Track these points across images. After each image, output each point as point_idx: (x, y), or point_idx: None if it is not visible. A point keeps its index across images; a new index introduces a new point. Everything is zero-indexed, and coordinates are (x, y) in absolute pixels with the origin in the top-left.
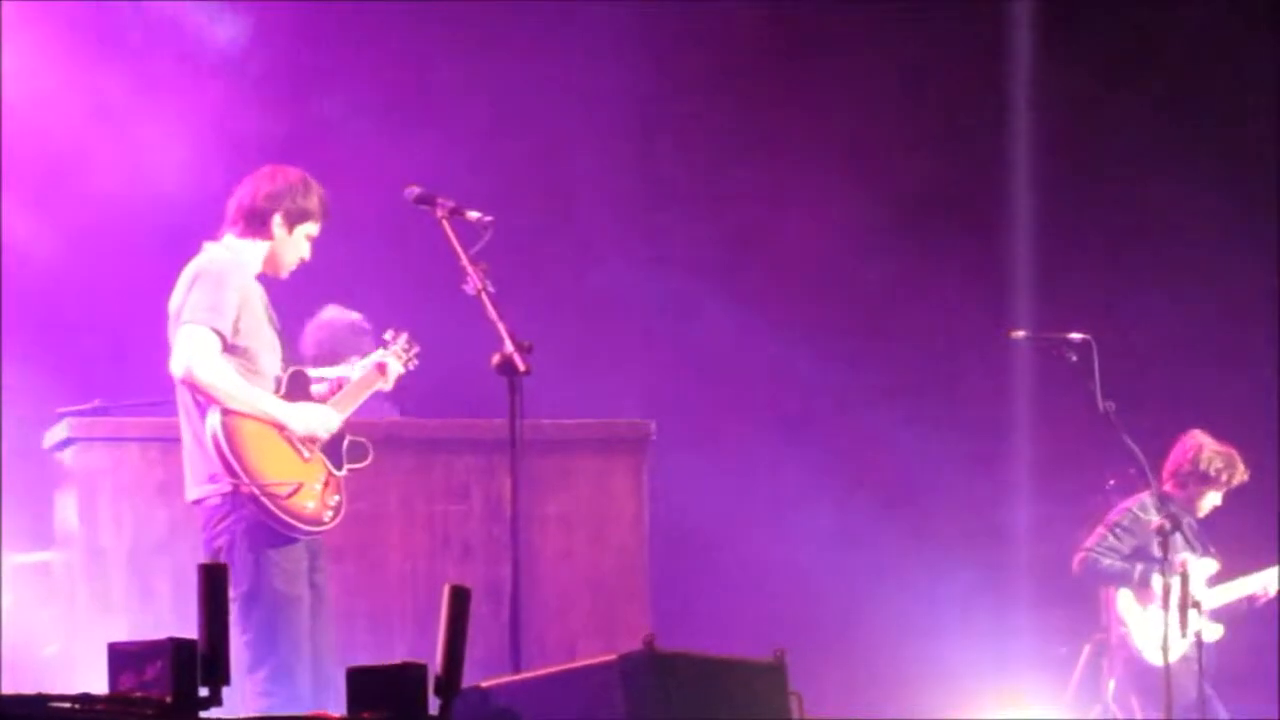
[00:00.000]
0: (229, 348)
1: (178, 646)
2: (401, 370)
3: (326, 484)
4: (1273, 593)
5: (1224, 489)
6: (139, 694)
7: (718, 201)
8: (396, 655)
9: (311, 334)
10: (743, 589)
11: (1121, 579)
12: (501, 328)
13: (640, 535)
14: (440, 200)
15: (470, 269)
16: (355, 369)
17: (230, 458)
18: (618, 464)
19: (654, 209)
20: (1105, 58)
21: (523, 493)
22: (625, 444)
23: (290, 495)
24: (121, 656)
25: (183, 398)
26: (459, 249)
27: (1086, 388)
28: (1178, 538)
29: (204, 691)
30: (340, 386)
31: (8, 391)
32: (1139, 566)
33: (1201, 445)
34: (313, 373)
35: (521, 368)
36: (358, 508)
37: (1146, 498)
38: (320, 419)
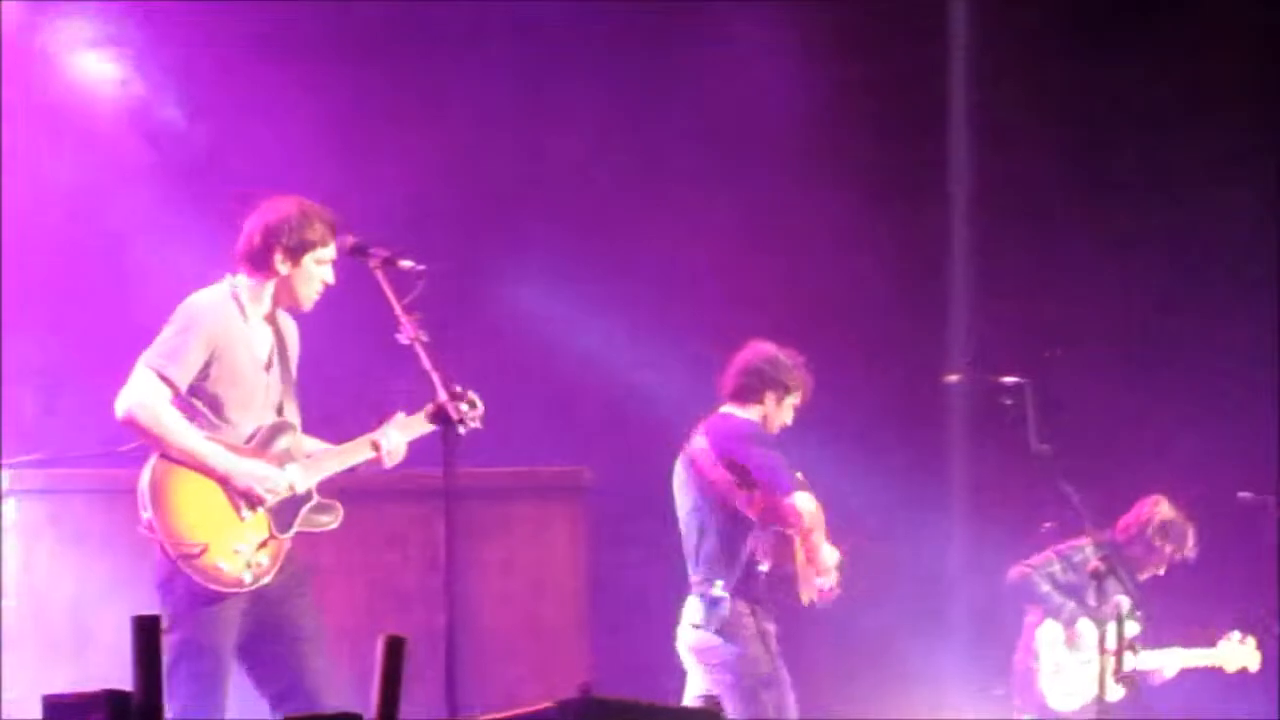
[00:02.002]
0: (191, 391)
1: (113, 698)
2: (404, 442)
3: (264, 544)
4: (1167, 676)
5: (1165, 562)
6: None
7: (649, 244)
8: (332, 706)
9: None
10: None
11: (1051, 609)
12: (436, 377)
13: (578, 581)
14: (374, 250)
15: (404, 318)
16: (381, 431)
17: (148, 507)
18: (555, 511)
19: (594, 257)
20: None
21: (459, 540)
22: (562, 491)
23: (199, 554)
24: (57, 708)
25: None
26: (393, 298)
27: (1021, 431)
28: (1111, 583)
29: None
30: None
31: None
32: (1070, 604)
33: (1154, 515)
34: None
35: (456, 416)
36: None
37: (1093, 544)
38: (261, 478)
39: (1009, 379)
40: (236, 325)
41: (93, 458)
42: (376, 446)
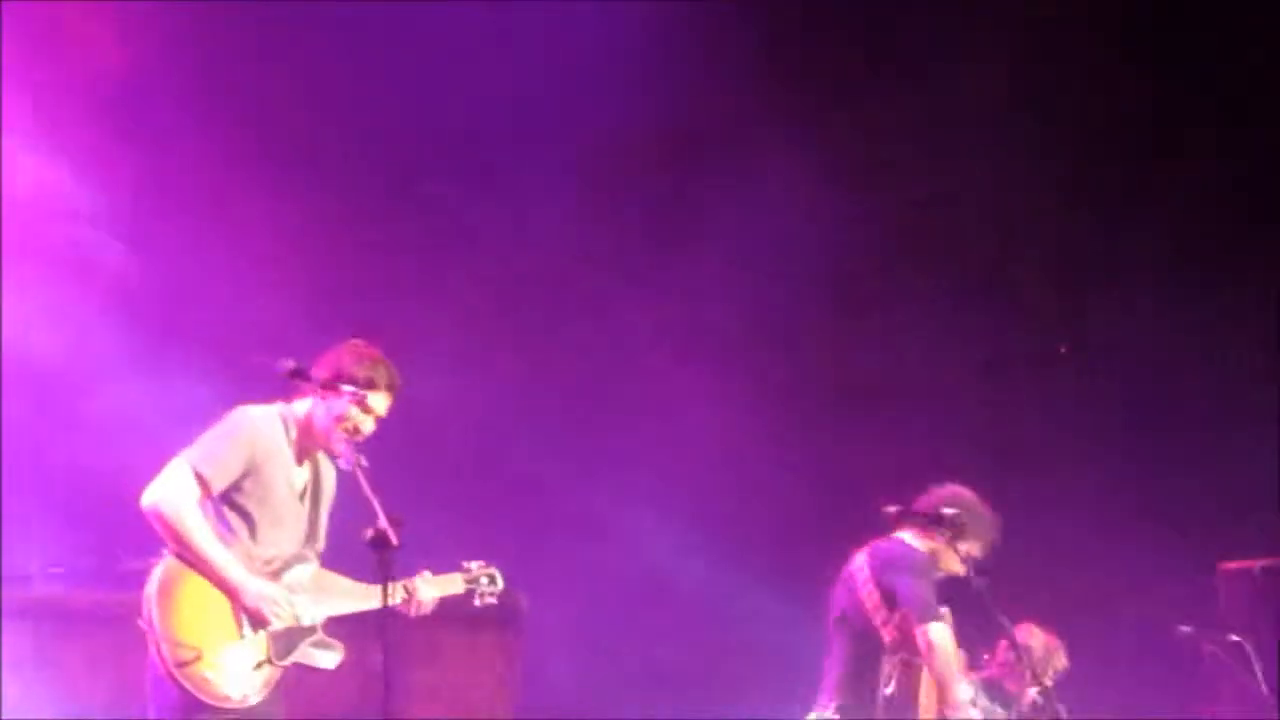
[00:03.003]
0: (225, 500)
1: None
2: (434, 598)
3: (259, 665)
4: None
5: (1029, 683)
6: None
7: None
8: None
9: None
10: None
11: None
12: (375, 502)
13: (506, 707)
14: (315, 373)
15: (343, 444)
16: (412, 582)
17: (153, 602)
18: (486, 637)
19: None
20: None
21: (393, 663)
22: (495, 618)
23: (191, 661)
24: None
25: None
26: (332, 424)
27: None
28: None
29: None
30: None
31: None
32: None
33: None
34: None
35: (395, 542)
36: None
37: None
38: (270, 602)
39: (948, 510)
40: (280, 446)
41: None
42: (411, 592)
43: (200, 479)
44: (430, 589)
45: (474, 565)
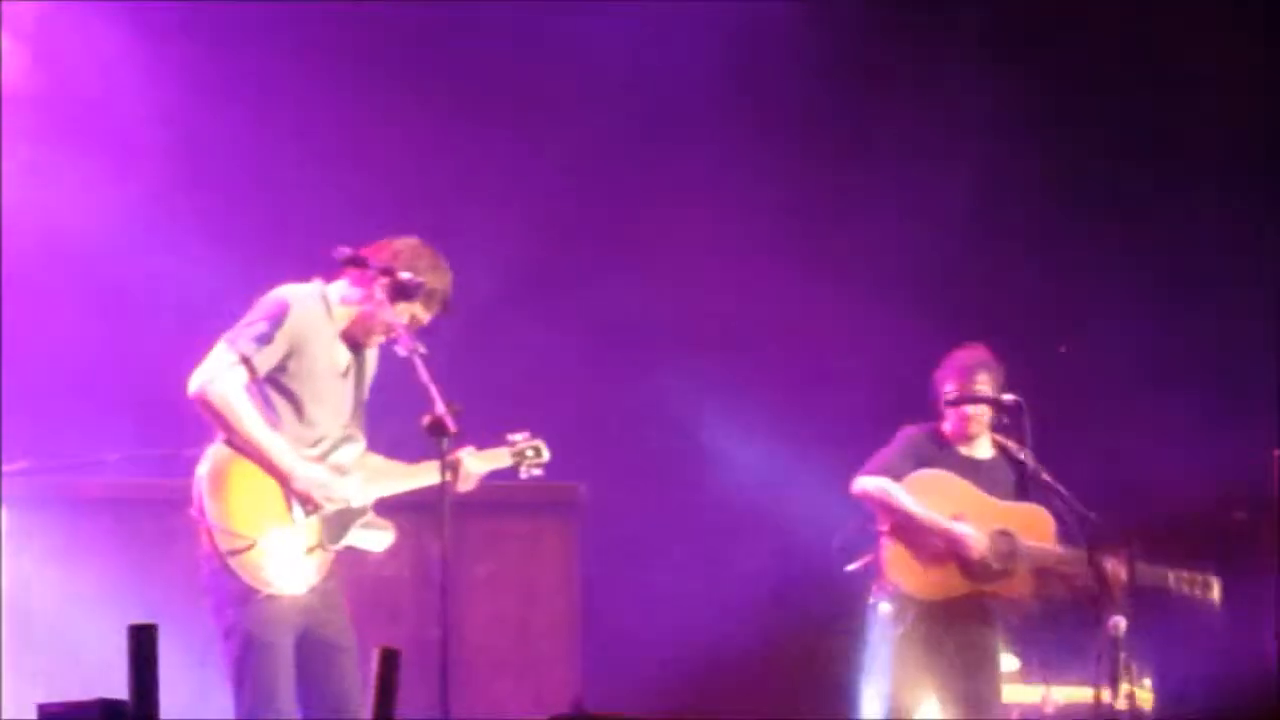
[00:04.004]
0: (270, 383)
1: (107, 707)
2: (482, 472)
3: (311, 550)
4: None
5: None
6: None
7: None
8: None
9: None
10: (672, 650)
11: None
12: (433, 389)
13: (570, 597)
14: (372, 260)
15: (402, 330)
16: (457, 457)
17: (203, 491)
18: (548, 526)
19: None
20: None
21: (452, 555)
22: (555, 506)
23: (245, 549)
24: (51, 718)
25: None
26: (390, 311)
27: (1016, 450)
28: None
29: None
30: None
31: None
32: None
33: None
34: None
35: (452, 429)
36: None
37: None
38: (322, 484)
39: (1007, 397)
40: (322, 326)
41: (80, 466)
42: (457, 466)
43: (246, 362)
44: (477, 463)
45: (518, 437)
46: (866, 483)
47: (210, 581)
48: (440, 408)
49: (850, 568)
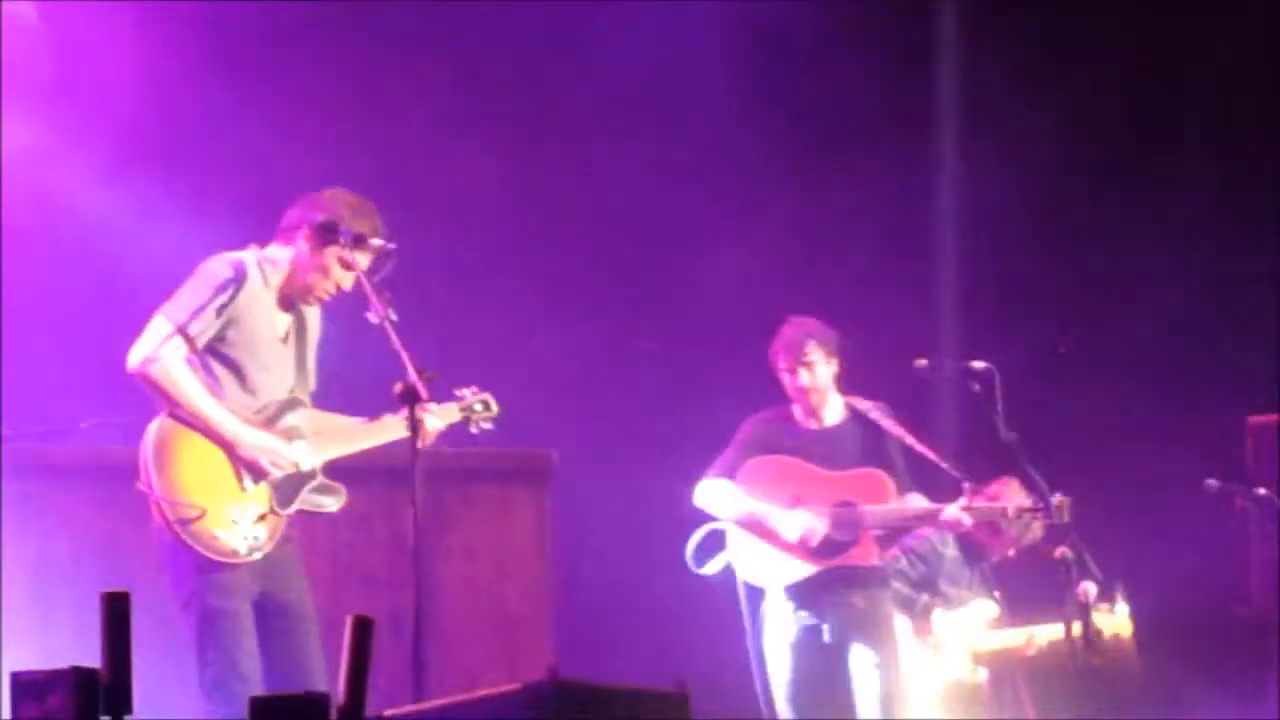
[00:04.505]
0: (210, 352)
1: (80, 675)
2: (439, 428)
3: (262, 517)
4: (1039, 643)
5: (1011, 545)
6: None
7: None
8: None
9: None
10: (646, 616)
11: (901, 604)
12: (405, 356)
13: (543, 564)
14: (344, 228)
15: (374, 297)
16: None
17: (149, 464)
18: (519, 493)
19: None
20: None
21: (424, 522)
22: (527, 473)
23: (195, 519)
24: (23, 686)
25: None
26: (362, 277)
27: (989, 417)
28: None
29: None
30: None
31: None
32: (923, 598)
33: (1000, 498)
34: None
35: (424, 396)
36: None
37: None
38: (268, 450)
39: (978, 364)
40: (258, 291)
41: (53, 433)
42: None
43: (184, 334)
44: (432, 419)
45: (466, 392)
46: (702, 491)
47: (164, 554)
48: (412, 375)
49: (704, 571)
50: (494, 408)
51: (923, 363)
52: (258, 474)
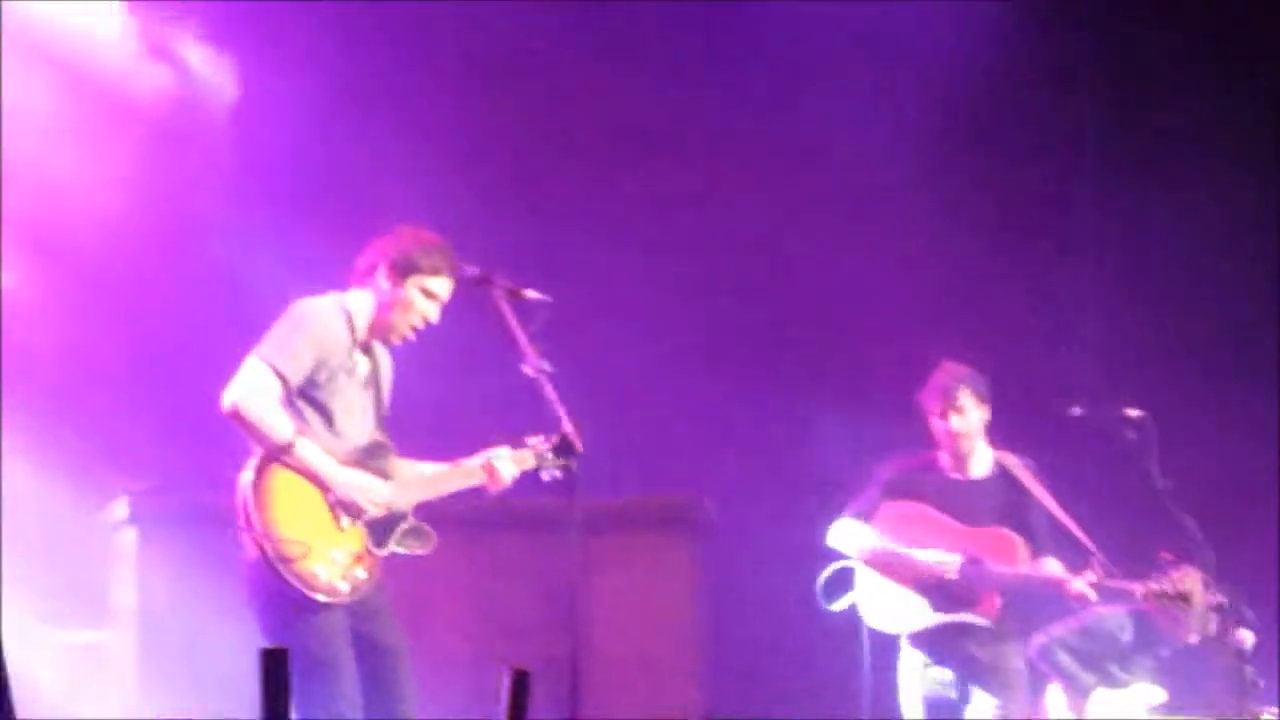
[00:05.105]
0: (299, 395)
1: None
2: (515, 474)
3: (359, 558)
4: None
5: (1186, 637)
6: None
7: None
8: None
9: None
10: (800, 666)
11: (1066, 679)
12: (559, 409)
13: (694, 613)
14: (498, 280)
15: (528, 349)
16: (465, 462)
17: (250, 503)
18: (673, 541)
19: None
20: None
21: (577, 571)
22: (680, 522)
23: (299, 558)
24: None
25: None
26: (517, 330)
27: (1144, 466)
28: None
29: None
30: None
31: (62, 467)
32: (1090, 677)
33: (1175, 588)
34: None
35: (579, 449)
36: (405, 587)
37: (1122, 613)
38: (364, 489)
39: (1133, 412)
40: (345, 336)
41: (207, 483)
42: (491, 470)
43: (279, 375)
44: (508, 465)
45: (536, 440)
46: (836, 530)
47: (259, 592)
48: (567, 426)
49: (835, 607)
50: (564, 457)
51: (1077, 411)
52: (354, 513)
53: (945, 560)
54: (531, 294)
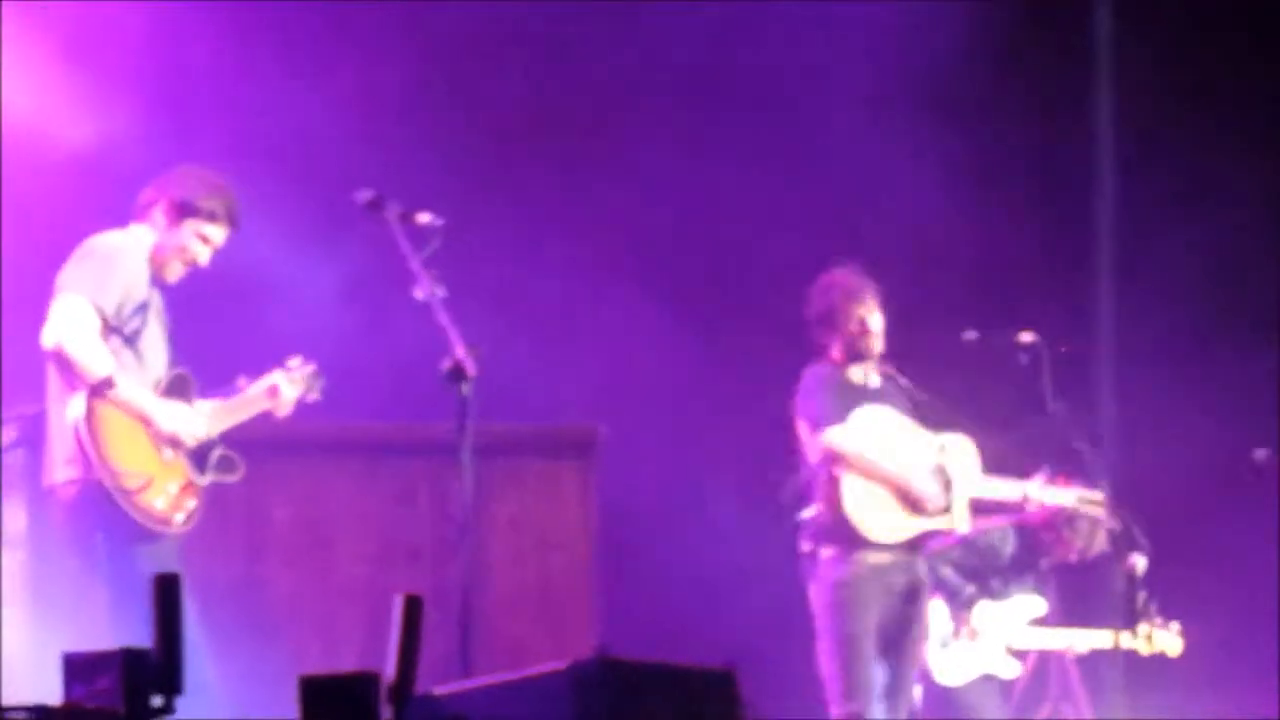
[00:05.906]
0: (112, 330)
1: (130, 656)
2: (295, 397)
3: (185, 488)
4: (1080, 649)
5: (1070, 554)
6: (92, 705)
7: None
8: (345, 661)
9: None
10: (691, 593)
11: (949, 593)
12: (452, 333)
13: (588, 538)
14: (390, 204)
15: (421, 274)
16: (250, 388)
17: (88, 444)
18: (566, 467)
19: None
20: None
21: (470, 496)
22: (573, 447)
23: (140, 490)
24: (74, 666)
25: (52, 376)
26: (409, 254)
27: (1036, 389)
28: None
29: (158, 701)
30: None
31: None
32: (970, 588)
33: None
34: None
35: (472, 373)
36: (304, 512)
37: (1006, 525)
38: (186, 422)
39: (1026, 336)
40: (145, 271)
41: None
42: (274, 392)
43: (96, 309)
44: (290, 389)
45: (296, 361)
46: (836, 442)
47: (102, 524)
48: (460, 351)
49: (805, 514)
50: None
51: (971, 335)
52: (176, 445)
53: (925, 481)
54: (424, 218)
